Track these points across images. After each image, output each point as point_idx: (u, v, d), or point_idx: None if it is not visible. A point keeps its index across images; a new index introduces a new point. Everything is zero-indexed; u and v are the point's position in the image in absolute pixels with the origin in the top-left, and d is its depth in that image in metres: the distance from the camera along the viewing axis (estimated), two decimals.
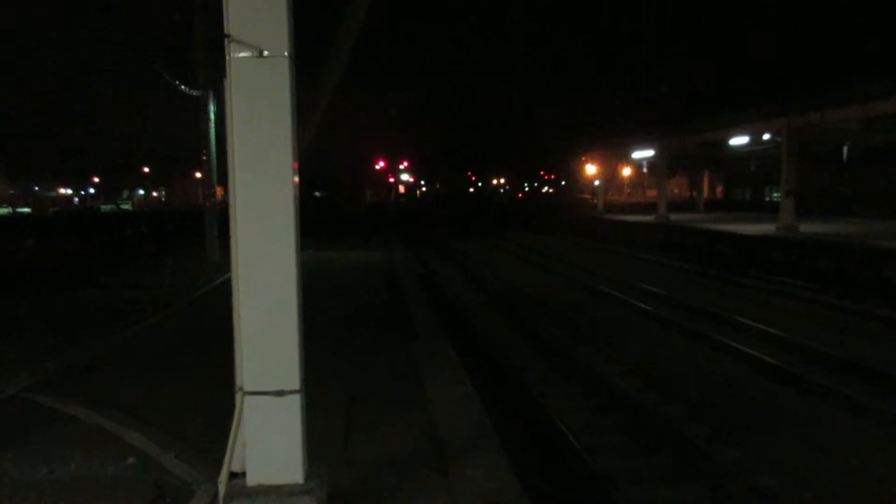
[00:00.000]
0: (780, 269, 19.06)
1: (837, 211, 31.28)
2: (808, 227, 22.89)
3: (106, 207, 69.16)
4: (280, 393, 3.58)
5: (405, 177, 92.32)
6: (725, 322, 12.20)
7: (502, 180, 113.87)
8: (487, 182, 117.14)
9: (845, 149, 32.48)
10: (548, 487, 5.88)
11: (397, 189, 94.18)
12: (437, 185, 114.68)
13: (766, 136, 27.18)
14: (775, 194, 38.77)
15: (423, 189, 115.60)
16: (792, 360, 9.51)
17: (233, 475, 3.65)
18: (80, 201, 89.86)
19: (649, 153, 36.64)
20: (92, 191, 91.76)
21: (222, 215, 16.53)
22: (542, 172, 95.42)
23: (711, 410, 7.78)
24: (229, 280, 3.66)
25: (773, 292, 15.73)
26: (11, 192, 76.65)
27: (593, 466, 6.15)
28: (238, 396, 3.61)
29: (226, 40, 3.43)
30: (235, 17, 3.42)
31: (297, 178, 3.60)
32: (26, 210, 66.73)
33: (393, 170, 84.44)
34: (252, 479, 3.62)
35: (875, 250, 16.94)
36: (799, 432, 7.08)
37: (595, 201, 46.10)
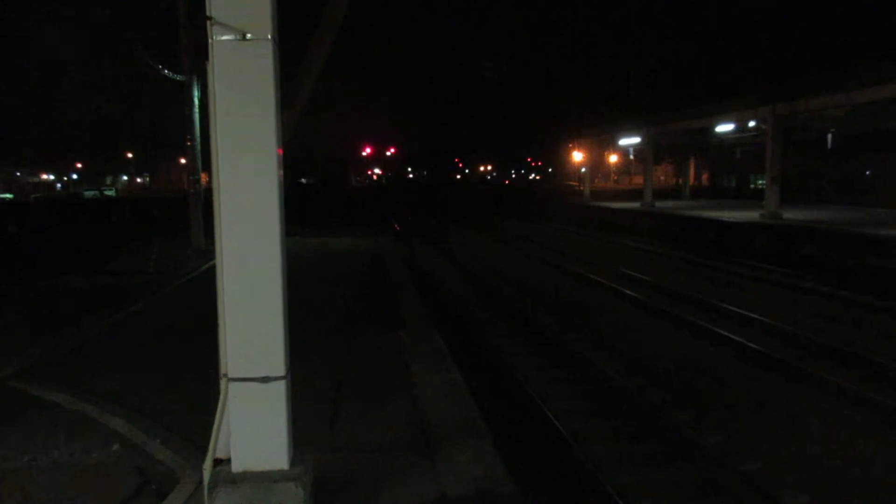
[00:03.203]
0: (764, 255, 19.22)
1: (822, 198, 31.55)
2: (792, 214, 23.07)
3: (89, 193, 68.34)
4: (265, 379, 3.56)
5: (378, 170, 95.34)
6: (709, 307, 12.29)
7: (489, 167, 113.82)
8: (474, 169, 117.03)
9: (830, 136, 32.74)
10: (534, 470, 5.92)
11: (383, 174, 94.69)
12: (425, 172, 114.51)
13: (752, 124, 27.34)
14: (760, 182, 39.06)
15: (410, 175, 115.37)
16: (775, 346, 9.61)
17: (218, 461, 3.64)
18: (62, 187, 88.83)
19: (636, 140, 36.72)
20: (75, 176, 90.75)
21: (207, 201, 16.41)
22: (528, 159, 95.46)
23: (694, 394, 7.86)
24: (214, 266, 3.63)
25: (756, 278, 15.87)
26: None
27: (577, 451, 6.20)
28: (223, 383, 3.59)
29: (208, 23, 3.37)
30: None
31: (281, 164, 3.56)
32: (8, 196, 65.92)
33: (380, 156, 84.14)
34: (237, 466, 3.61)
35: (858, 237, 17.11)
36: (781, 417, 7.17)
37: (581, 188, 46.21)
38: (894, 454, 6.25)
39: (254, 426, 3.59)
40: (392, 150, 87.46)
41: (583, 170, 46.16)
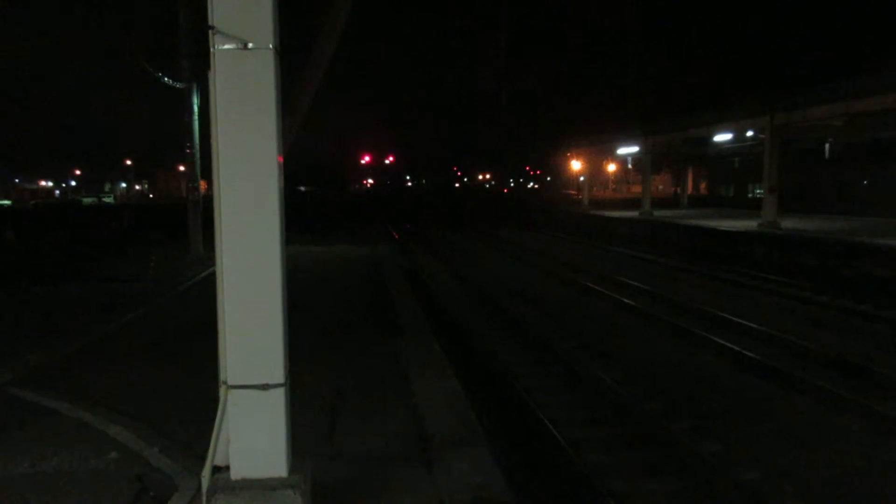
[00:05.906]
0: (762, 264, 19.25)
1: (820, 207, 31.61)
2: (791, 224, 23.12)
3: (88, 200, 68.34)
4: (264, 387, 3.56)
5: (375, 179, 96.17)
6: (706, 317, 12.29)
7: (488, 175, 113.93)
8: (473, 177, 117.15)
9: (828, 146, 32.84)
10: (532, 478, 5.91)
11: (381, 182, 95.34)
12: (423, 180, 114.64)
13: (750, 133, 27.42)
14: (758, 191, 39.17)
15: (409, 183, 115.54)
16: (772, 355, 9.61)
17: (216, 469, 3.64)
18: (61, 194, 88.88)
19: (634, 149, 36.80)
20: (73, 183, 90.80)
21: (206, 209, 16.44)
22: (527, 168, 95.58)
23: (691, 402, 7.85)
24: (213, 274, 3.64)
25: (754, 287, 15.88)
26: None
27: (575, 459, 6.19)
28: (222, 390, 3.59)
29: (210, 32, 3.39)
30: (220, 8, 3.39)
31: (281, 172, 3.58)
32: (6, 202, 65.96)
33: (378, 164, 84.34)
34: (236, 473, 3.61)
35: (856, 246, 17.15)
36: (779, 426, 7.17)
37: (580, 197, 46.27)
38: (893, 463, 6.25)
39: (253, 433, 3.60)
40: (391, 159, 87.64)
41: (581, 179, 46.23)
